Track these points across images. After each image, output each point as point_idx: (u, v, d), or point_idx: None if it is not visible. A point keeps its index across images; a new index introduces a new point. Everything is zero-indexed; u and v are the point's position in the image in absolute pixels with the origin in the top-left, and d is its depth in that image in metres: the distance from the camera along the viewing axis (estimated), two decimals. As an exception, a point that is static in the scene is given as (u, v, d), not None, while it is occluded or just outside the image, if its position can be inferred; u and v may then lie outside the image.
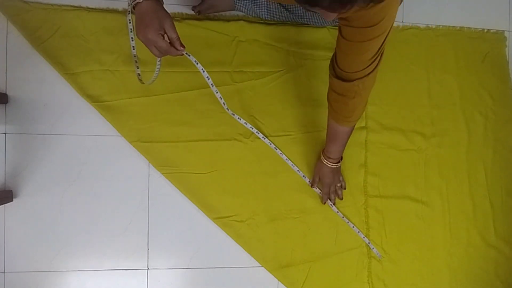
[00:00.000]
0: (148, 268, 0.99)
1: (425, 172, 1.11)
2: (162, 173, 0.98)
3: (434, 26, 1.16)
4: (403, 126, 1.11)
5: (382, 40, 0.64)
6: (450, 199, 1.11)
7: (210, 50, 1.02)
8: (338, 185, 1.02)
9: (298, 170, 1.02)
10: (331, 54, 1.06)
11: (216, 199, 1.00)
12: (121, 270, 0.98)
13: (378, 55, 0.67)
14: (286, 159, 1.01)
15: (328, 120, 0.87)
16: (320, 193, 1.03)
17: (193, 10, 1.00)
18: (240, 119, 0.92)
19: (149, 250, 0.99)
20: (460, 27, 1.17)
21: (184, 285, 1.00)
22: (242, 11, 1.04)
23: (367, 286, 1.05)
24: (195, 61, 0.74)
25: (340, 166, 0.99)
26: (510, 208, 1.14)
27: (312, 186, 1.02)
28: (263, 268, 1.01)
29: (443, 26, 1.17)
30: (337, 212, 1.04)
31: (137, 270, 0.99)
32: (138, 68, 0.82)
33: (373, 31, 0.62)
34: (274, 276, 1.01)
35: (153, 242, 0.99)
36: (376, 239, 1.06)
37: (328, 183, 1.00)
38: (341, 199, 1.03)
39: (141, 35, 0.65)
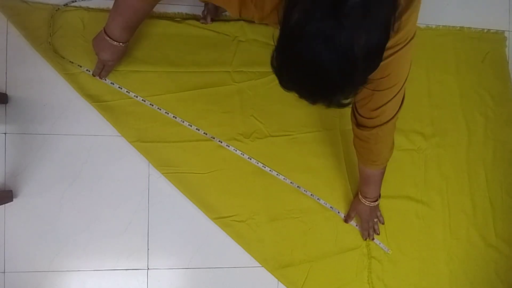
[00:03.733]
0: (148, 268, 0.99)
1: (425, 172, 1.11)
2: (162, 173, 0.98)
3: (434, 26, 1.16)
4: (403, 126, 1.10)
5: (397, 90, 0.67)
6: (450, 199, 1.11)
7: (210, 50, 1.02)
8: (375, 220, 1.03)
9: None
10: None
11: (216, 199, 1.00)
12: (121, 270, 0.98)
13: (395, 103, 0.69)
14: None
15: (358, 165, 0.91)
16: (357, 227, 1.05)
17: (203, 22, 1.00)
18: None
19: (149, 250, 0.99)
20: (460, 27, 1.17)
21: (184, 285, 1.00)
22: None
23: (367, 286, 1.05)
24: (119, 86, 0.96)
25: (378, 204, 1.00)
26: (510, 208, 1.14)
27: (346, 221, 1.04)
28: (263, 268, 1.01)
29: (443, 26, 1.17)
30: (338, 212, 1.04)
31: (137, 270, 0.99)
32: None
33: (385, 82, 0.64)
34: (274, 276, 1.01)
35: (153, 242, 0.99)
36: (376, 239, 1.06)
37: (367, 219, 1.01)
38: (378, 234, 1.03)
39: (107, 58, 0.89)
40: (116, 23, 0.81)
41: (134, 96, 0.96)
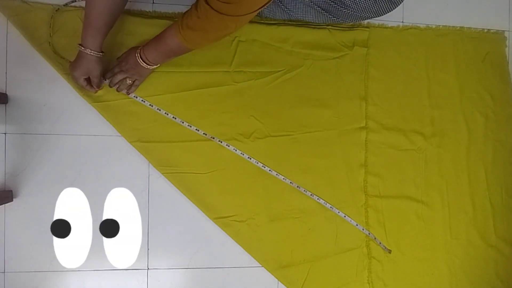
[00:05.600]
0: (148, 268, 0.99)
1: (425, 172, 1.11)
2: (162, 173, 0.98)
3: (434, 26, 1.16)
4: (403, 126, 1.11)
5: None
6: (450, 199, 1.11)
7: (210, 50, 1.02)
8: (130, 81, 0.93)
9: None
10: (331, 54, 1.08)
11: (216, 199, 1.00)
12: (121, 270, 0.98)
13: None
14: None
15: (167, 30, 0.84)
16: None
17: None
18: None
19: (149, 250, 0.99)
20: (460, 27, 1.17)
21: (184, 285, 1.00)
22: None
23: (367, 286, 1.05)
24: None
25: (148, 69, 0.91)
26: (510, 208, 1.14)
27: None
28: (263, 268, 1.01)
29: (443, 26, 1.17)
30: (338, 212, 1.04)
31: (137, 270, 0.99)
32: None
33: None
34: (274, 276, 1.01)
35: (153, 242, 0.99)
36: (377, 238, 1.06)
37: (126, 70, 0.91)
38: (126, 93, 0.95)
39: (71, 70, 0.87)
40: (85, 29, 0.82)
41: (134, 96, 0.96)
